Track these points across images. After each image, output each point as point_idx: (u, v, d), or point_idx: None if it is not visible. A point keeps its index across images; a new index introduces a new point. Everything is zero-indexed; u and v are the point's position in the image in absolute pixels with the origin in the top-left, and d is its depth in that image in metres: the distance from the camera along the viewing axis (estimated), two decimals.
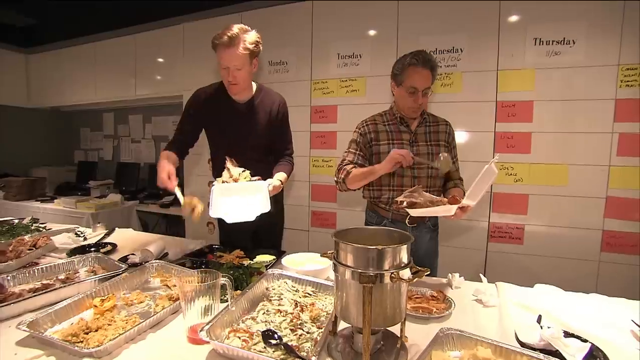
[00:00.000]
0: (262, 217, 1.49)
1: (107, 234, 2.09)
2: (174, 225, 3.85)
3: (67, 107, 4.46)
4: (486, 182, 1.34)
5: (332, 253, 0.97)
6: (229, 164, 1.56)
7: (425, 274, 0.91)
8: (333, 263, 0.94)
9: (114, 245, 1.86)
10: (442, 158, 1.54)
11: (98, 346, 0.93)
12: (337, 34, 2.58)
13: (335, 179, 1.71)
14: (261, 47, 1.67)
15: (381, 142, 1.66)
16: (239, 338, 0.99)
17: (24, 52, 4.34)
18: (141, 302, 1.25)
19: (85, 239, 2.00)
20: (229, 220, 1.46)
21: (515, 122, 2.20)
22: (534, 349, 0.96)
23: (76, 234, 2.02)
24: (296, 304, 1.21)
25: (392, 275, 0.86)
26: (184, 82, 3.23)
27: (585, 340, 0.99)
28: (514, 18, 2.20)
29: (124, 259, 1.63)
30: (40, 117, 4.54)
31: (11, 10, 3.83)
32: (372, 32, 2.53)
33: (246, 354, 0.90)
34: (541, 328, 1.04)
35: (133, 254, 1.68)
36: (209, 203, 1.54)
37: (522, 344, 1.00)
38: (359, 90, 2.57)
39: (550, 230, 2.21)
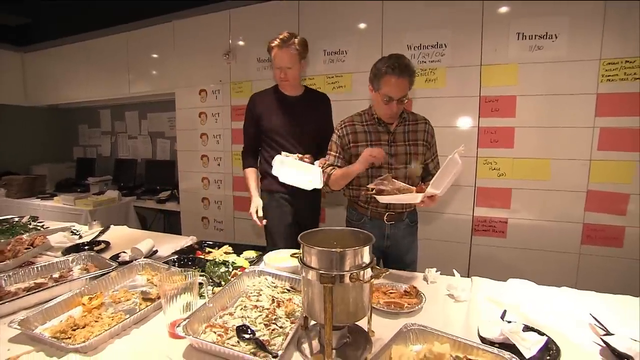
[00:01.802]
0: (303, 214, 1.99)
1: (102, 232, 2.17)
2: (171, 220, 3.94)
3: (64, 105, 4.51)
4: (450, 171, 1.37)
5: (299, 254, 1.03)
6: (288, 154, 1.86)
7: (385, 274, 0.97)
8: (299, 264, 1.00)
9: (107, 244, 1.93)
10: (412, 167, 1.62)
11: (84, 342, 1.01)
12: (323, 31, 2.60)
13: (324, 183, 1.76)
14: (307, 53, 1.93)
15: (360, 143, 1.68)
16: (215, 333, 1.06)
17: (19, 51, 4.39)
18: (128, 300, 1.32)
19: (80, 237, 2.07)
20: (288, 182, 1.78)
21: (499, 117, 2.23)
22: (493, 344, 1.02)
23: (72, 232, 2.10)
24: (273, 299, 1.27)
25: (352, 276, 0.92)
26: (175, 80, 3.29)
27: (543, 334, 1.05)
28: (497, 13, 2.20)
29: (115, 257, 1.70)
30: (38, 114, 4.60)
31: (4, 10, 3.86)
32: (357, 28, 2.54)
33: (218, 348, 0.97)
34: (505, 323, 1.10)
35: (124, 252, 1.75)
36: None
37: (483, 339, 1.05)
38: (345, 86, 2.60)
39: (533, 224, 2.26)
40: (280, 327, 1.11)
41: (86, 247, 1.85)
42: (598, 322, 1.13)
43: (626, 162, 2.06)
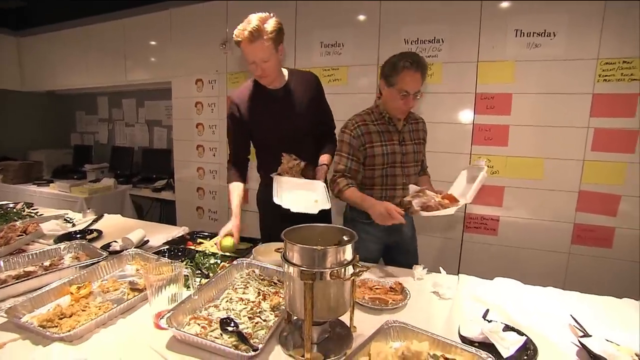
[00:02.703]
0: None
1: (95, 220, 2.18)
2: (167, 210, 3.95)
3: (61, 91, 4.49)
4: (481, 183, 1.56)
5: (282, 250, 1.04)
6: (284, 158, 1.69)
7: (365, 271, 0.98)
8: (282, 260, 1.01)
9: (100, 232, 1.95)
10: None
11: (69, 331, 1.02)
12: (321, 22, 2.57)
13: (330, 187, 1.71)
14: (283, 34, 1.64)
15: (374, 143, 1.66)
16: (199, 325, 1.08)
17: (16, 35, 4.34)
18: (116, 290, 1.33)
19: (74, 225, 2.09)
20: (293, 209, 1.49)
21: (494, 114, 2.22)
22: (473, 343, 1.03)
23: (65, 220, 2.11)
24: (259, 292, 1.29)
25: (332, 273, 0.93)
26: (172, 68, 3.27)
27: (522, 334, 1.06)
28: (495, 9, 2.18)
29: (106, 246, 1.71)
30: (36, 100, 4.58)
31: None
32: (354, 21, 2.52)
33: (199, 340, 0.99)
34: (486, 322, 1.12)
35: (115, 242, 1.77)
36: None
37: (463, 338, 1.06)
38: (341, 79, 2.58)
39: (524, 222, 2.27)
40: (264, 321, 1.13)
41: (78, 236, 1.86)
42: (577, 323, 1.15)
43: (619, 164, 2.06)
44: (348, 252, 0.98)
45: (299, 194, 1.58)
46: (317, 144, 1.83)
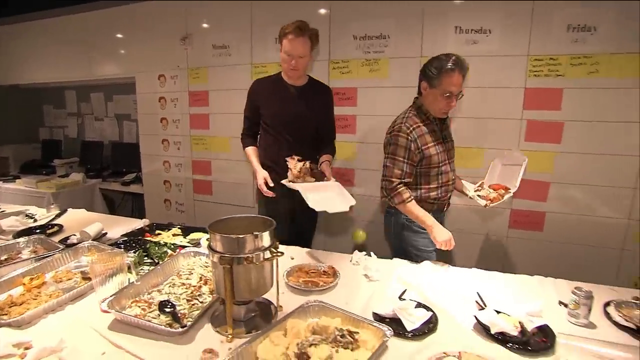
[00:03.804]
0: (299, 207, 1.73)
1: (58, 215, 2.25)
2: (138, 203, 4.01)
3: (27, 85, 4.42)
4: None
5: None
6: (290, 163, 1.76)
7: (280, 256, 1.12)
8: (207, 249, 1.13)
9: (60, 227, 2.03)
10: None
11: (16, 317, 1.13)
12: (274, 18, 2.64)
13: (387, 195, 1.71)
14: (317, 44, 1.87)
15: (428, 144, 1.68)
16: (139, 307, 1.21)
17: None
18: (69, 279, 1.44)
19: (35, 220, 2.16)
20: (330, 211, 1.59)
21: None
22: (384, 319, 1.16)
23: (27, 215, 2.18)
24: (201, 278, 1.42)
25: (248, 258, 1.06)
26: (136, 64, 3.32)
27: (430, 310, 1.21)
28: (437, 6, 2.30)
29: (65, 240, 1.81)
30: (1, 94, 4.49)
31: None
32: (305, 17, 2.59)
33: (136, 320, 1.11)
34: (399, 300, 1.27)
35: (74, 235, 1.86)
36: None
37: (375, 315, 1.19)
38: None
39: (467, 209, 2.45)
40: (201, 303, 1.26)
41: (38, 231, 1.94)
42: (481, 299, 1.29)
43: (548, 153, 2.24)
44: (266, 239, 1.11)
45: (326, 197, 1.67)
46: (317, 148, 1.99)
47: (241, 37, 2.80)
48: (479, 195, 1.75)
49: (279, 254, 1.12)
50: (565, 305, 1.25)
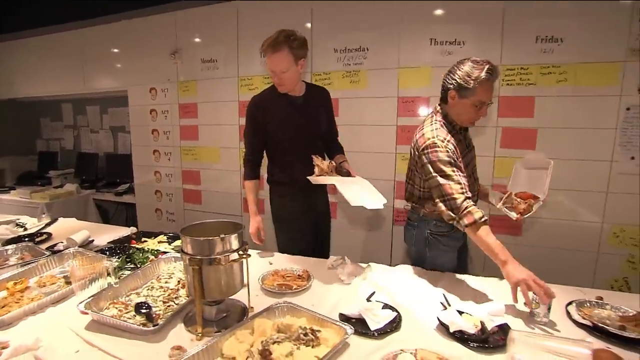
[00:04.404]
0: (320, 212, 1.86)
1: (48, 224, 2.32)
2: (132, 212, 4.07)
3: (23, 99, 4.54)
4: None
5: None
6: (316, 160, 1.67)
7: (246, 258, 1.18)
8: (180, 252, 1.20)
9: (49, 235, 2.10)
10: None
11: None
12: (260, 33, 2.73)
13: (455, 217, 1.43)
14: (305, 50, 1.76)
15: (460, 155, 1.56)
16: (116, 308, 1.27)
17: None
18: (53, 284, 1.50)
19: (25, 229, 2.22)
20: (368, 207, 1.52)
21: (415, 116, 2.45)
22: (350, 319, 1.21)
23: (17, 224, 2.25)
24: (179, 281, 1.48)
25: (216, 259, 1.13)
26: (128, 77, 3.44)
27: (396, 311, 1.25)
28: (412, 19, 2.40)
29: (52, 247, 1.87)
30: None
31: None
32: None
33: (111, 320, 1.17)
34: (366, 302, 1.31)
35: (61, 242, 1.92)
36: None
37: (341, 315, 1.24)
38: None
39: None
40: (177, 304, 1.32)
41: (26, 239, 2.00)
42: (446, 300, 1.35)
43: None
44: (234, 242, 1.17)
45: (362, 192, 1.59)
46: (327, 151, 1.95)
47: (228, 52, 2.92)
48: (507, 207, 1.60)
49: (245, 256, 1.18)
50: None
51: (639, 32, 2.02)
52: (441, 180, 1.46)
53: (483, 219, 1.39)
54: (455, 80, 1.51)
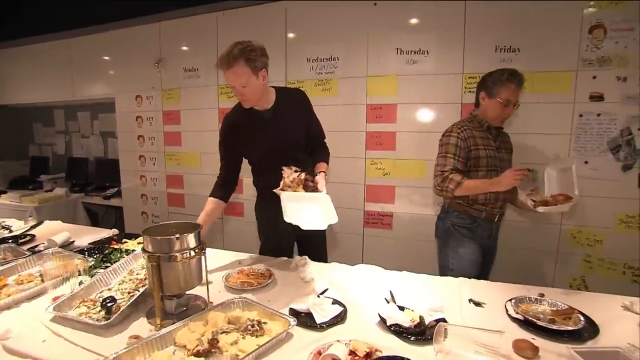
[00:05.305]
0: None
1: (33, 227, 2.43)
2: (120, 215, 4.17)
3: (14, 105, 4.64)
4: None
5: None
6: (284, 172, 1.64)
7: (200, 256, 1.29)
8: (142, 250, 1.30)
9: (33, 236, 2.20)
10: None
11: None
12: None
13: (439, 187, 1.77)
14: (266, 59, 1.66)
15: (479, 146, 1.79)
16: (85, 306, 1.37)
17: None
18: (30, 282, 1.60)
19: (11, 231, 2.33)
20: (303, 227, 1.49)
21: (383, 122, 2.58)
22: (299, 313, 1.30)
23: (2, 227, 2.35)
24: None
25: (172, 256, 1.23)
26: (115, 85, 3.57)
27: (343, 306, 1.34)
28: (379, 30, 2.53)
29: (33, 248, 1.98)
30: None
31: None
32: (264, 41, 2.82)
33: (71, 315, 1.28)
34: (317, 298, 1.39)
35: (42, 243, 2.03)
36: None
37: (291, 309, 1.33)
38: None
39: (414, 217, 2.62)
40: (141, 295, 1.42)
41: (10, 240, 2.10)
42: (392, 297, 1.43)
43: None
44: (191, 240, 1.28)
45: (306, 210, 1.56)
46: (311, 154, 1.90)
47: (208, 61, 3.05)
48: (532, 200, 1.73)
49: (200, 253, 1.29)
50: (475, 303, 1.41)
51: (587, 44, 2.15)
52: (439, 160, 1.81)
53: (463, 179, 1.72)
54: (485, 83, 1.81)
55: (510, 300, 1.41)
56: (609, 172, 2.20)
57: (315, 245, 2.00)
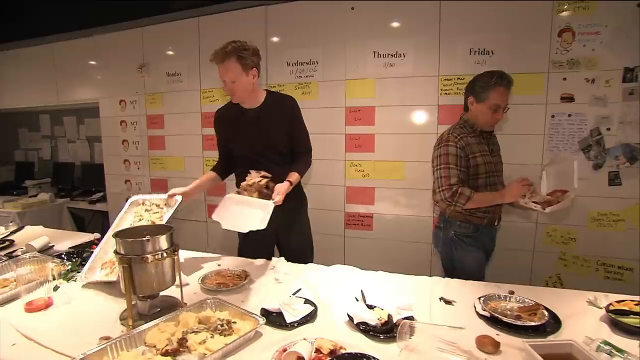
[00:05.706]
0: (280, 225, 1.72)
1: (13, 232, 2.42)
2: (107, 220, 4.16)
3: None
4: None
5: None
6: (251, 172, 1.72)
7: (172, 257, 1.31)
8: (114, 253, 1.32)
9: (12, 242, 2.20)
10: None
11: None
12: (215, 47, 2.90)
13: (448, 201, 1.71)
14: (257, 59, 1.78)
15: (476, 153, 1.76)
16: None
17: None
18: (5, 287, 1.61)
19: None
20: (224, 226, 1.60)
21: (361, 125, 2.62)
22: (271, 313, 1.32)
23: None
24: None
25: (143, 257, 1.25)
26: (99, 90, 3.58)
27: (314, 305, 1.37)
28: (356, 33, 2.58)
29: (11, 253, 1.98)
30: None
31: None
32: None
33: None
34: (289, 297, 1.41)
35: (21, 248, 2.03)
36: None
37: (262, 309, 1.35)
38: (218, 99, 2.94)
39: (393, 217, 2.66)
40: None
41: None
42: (363, 296, 1.44)
43: None
44: (163, 242, 1.30)
45: (238, 213, 1.63)
46: (292, 163, 1.91)
47: (190, 65, 3.08)
48: (534, 202, 1.70)
49: (172, 254, 1.31)
50: (446, 302, 1.44)
51: (557, 47, 2.21)
52: (443, 172, 1.73)
53: (472, 192, 1.69)
54: (473, 87, 1.78)
55: (480, 298, 1.44)
56: (581, 171, 2.24)
57: (295, 246, 2.02)
